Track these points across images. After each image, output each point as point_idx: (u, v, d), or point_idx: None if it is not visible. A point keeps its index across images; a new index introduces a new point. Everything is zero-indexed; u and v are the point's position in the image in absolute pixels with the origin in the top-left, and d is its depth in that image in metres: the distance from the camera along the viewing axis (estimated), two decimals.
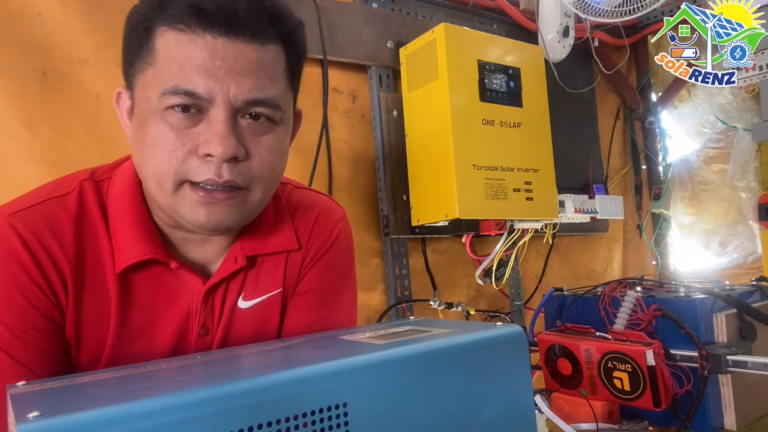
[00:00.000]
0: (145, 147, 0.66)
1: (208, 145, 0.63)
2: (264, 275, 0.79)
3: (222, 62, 0.63)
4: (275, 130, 0.69)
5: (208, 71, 0.62)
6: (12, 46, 1.09)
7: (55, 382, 0.54)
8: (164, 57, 0.63)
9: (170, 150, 0.64)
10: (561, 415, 0.97)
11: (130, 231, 0.70)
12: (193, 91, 0.63)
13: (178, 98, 0.63)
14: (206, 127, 0.64)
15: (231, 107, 0.64)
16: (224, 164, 0.65)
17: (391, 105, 1.53)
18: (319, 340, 0.68)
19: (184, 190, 0.66)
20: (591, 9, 1.59)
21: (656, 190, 2.18)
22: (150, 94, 0.64)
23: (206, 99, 0.63)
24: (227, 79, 0.63)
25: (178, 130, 0.64)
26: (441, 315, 1.58)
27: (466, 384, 0.57)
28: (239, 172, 0.66)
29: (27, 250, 0.66)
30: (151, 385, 0.48)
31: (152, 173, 0.66)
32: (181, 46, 0.62)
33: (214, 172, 0.64)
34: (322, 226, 0.85)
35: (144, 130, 0.65)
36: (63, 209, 0.69)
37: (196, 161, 0.64)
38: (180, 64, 0.62)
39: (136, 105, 0.68)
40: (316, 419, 0.48)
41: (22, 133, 1.09)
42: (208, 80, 0.62)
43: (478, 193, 1.37)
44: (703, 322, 1.01)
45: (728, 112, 1.92)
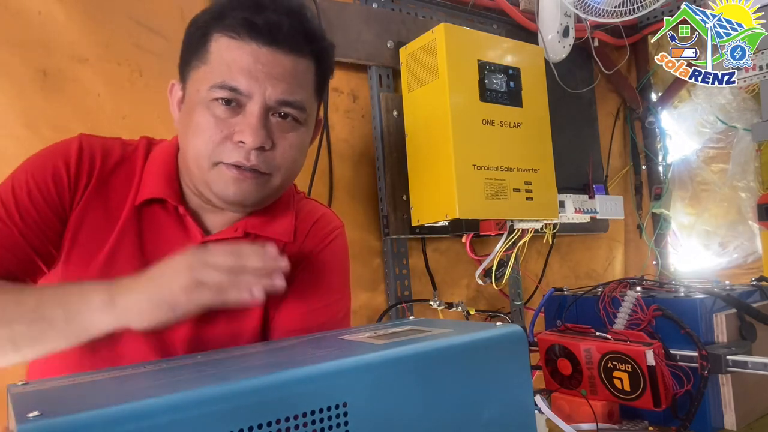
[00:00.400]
0: (189, 131, 0.79)
1: (242, 134, 0.76)
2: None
3: (263, 67, 0.76)
4: (299, 130, 0.82)
5: (250, 73, 0.76)
6: (12, 45, 1.09)
7: (55, 382, 0.54)
8: (216, 58, 0.77)
9: (210, 135, 0.77)
10: (561, 415, 0.97)
11: (156, 176, 0.84)
12: (236, 87, 0.76)
13: (223, 92, 0.76)
14: (242, 119, 0.77)
15: (265, 105, 0.77)
16: (253, 151, 0.77)
17: (391, 105, 1.53)
18: (319, 340, 0.68)
19: (219, 168, 0.78)
20: (591, 9, 1.59)
21: (657, 190, 2.18)
22: (200, 87, 0.78)
23: (246, 95, 0.76)
24: (265, 81, 0.76)
25: (219, 119, 0.77)
26: (441, 315, 1.58)
27: (466, 384, 0.57)
28: (264, 159, 0.79)
29: (78, 155, 0.81)
30: (151, 385, 0.48)
31: (193, 153, 0.79)
32: (231, 50, 0.76)
33: (243, 156, 0.77)
34: (320, 228, 0.94)
35: (191, 117, 0.79)
36: (121, 147, 0.86)
37: (229, 146, 0.77)
38: (228, 64, 0.76)
39: (187, 96, 0.81)
40: (316, 419, 0.48)
41: (22, 133, 1.09)
42: (249, 80, 0.76)
43: (478, 193, 1.37)
44: (703, 322, 1.01)
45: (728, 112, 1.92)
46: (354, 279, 1.50)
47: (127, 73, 1.20)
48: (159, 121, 1.22)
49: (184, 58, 0.82)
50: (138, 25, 1.21)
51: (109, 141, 0.86)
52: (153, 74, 1.23)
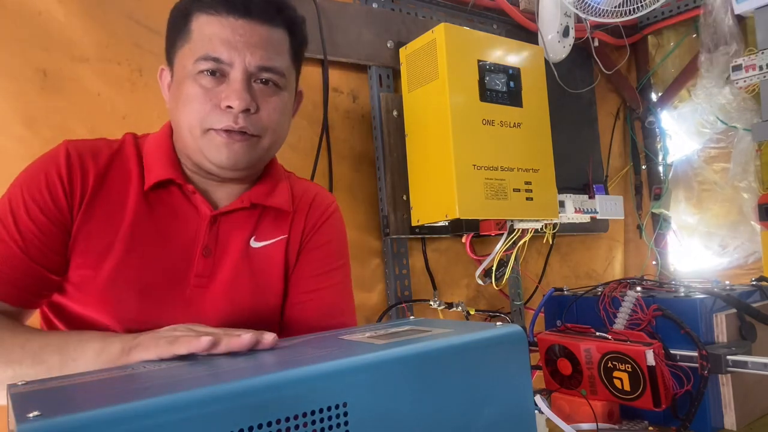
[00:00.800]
0: (180, 103, 0.84)
1: (228, 99, 0.82)
2: (274, 224, 0.96)
3: (240, 37, 0.83)
4: (280, 94, 0.88)
5: (230, 43, 0.82)
6: (12, 45, 1.09)
7: (55, 382, 0.54)
8: (197, 35, 0.83)
9: (200, 104, 0.83)
10: (561, 415, 0.97)
11: (159, 161, 0.88)
12: (218, 58, 0.82)
13: (207, 63, 0.82)
14: (227, 86, 0.83)
15: (246, 71, 0.83)
16: (240, 114, 0.83)
17: (391, 105, 1.53)
18: (319, 340, 0.68)
19: (209, 135, 0.84)
20: (591, 9, 1.59)
21: (656, 190, 2.18)
22: (186, 62, 0.84)
23: (227, 64, 0.82)
24: (244, 49, 0.83)
25: (206, 89, 0.83)
26: (441, 315, 1.58)
27: (466, 384, 0.57)
28: (251, 122, 0.84)
29: (66, 161, 0.84)
30: (151, 385, 0.48)
31: (185, 123, 0.84)
32: (211, 25, 0.83)
33: (232, 120, 0.83)
34: (318, 205, 1.01)
35: (180, 91, 0.85)
36: (107, 145, 0.89)
37: (218, 112, 0.83)
38: (209, 38, 0.82)
39: (174, 74, 0.87)
40: (316, 419, 0.48)
41: (22, 132, 1.09)
42: (230, 50, 0.82)
43: (478, 193, 1.37)
44: (703, 322, 1.01)
45: (728, 112, 1.92)
46: (354, 279, 1.50)
47: (127, 73, 1.20)
48: (159, 120, 1.21)
49: (170, 42, 0.88)
50: (138, 24, 1.21)
51: (94, 141, 0.90)
52: (153, 74, 1.22)
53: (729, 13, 1.77)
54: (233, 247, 0.91)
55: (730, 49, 1.79)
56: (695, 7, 1.95)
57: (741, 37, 1.80)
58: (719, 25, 1.81)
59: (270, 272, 0.95)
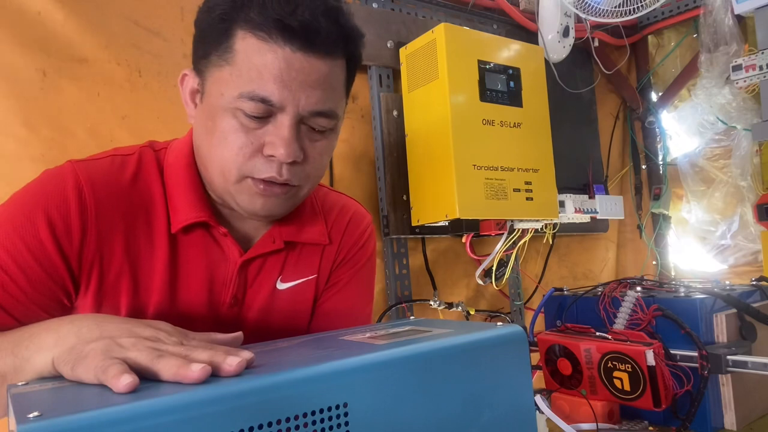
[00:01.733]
0: (213, 138, 0.72)
1: (274, 147, 0.71)
2: (302, 261, 0.88)
3: (297, 74, 0.69)
4: (329, 136, 0.77)
5: (283, 81, 0.68)
6: (11, 45, 1.09)
7: (56, 382, 0.53)
8: (243, 60, 0.69)
9: (239, 146, 0.71)
10: (561, 415, 0.97)
11: (186, 197, 0.77)
12: (268, 99, 0.69)
13: (253, 104, 0.69)
14: (273, 130, 0.71)
15: (298, 115, 0.71)
16: (284, 165, 0.72)
17: (391, 105, 1.53)
18: (319, 340, 0.68)
19: (246, 182, 0.74)
20: (591, 9, 1.59)
21: (656, 190, 2.18)
22: (225, 90, 0.70)
23: (278, 106, 0.70)
24: (299, 90, 0.70)
25: (248, 129, 0.71)
26: (441, 315, 1.58)
27: (466, 384, 0.57)
28: (295, 173, 0.74)
29: (77, 197, 0.71)
30: (152, 386, 0.48)
31: (218, 164, 0.73)
32: (262, 54, 0.68)
33: (275, 171, 0.72)
34: (354, 228, 0.93)
35: (214, 122, 0.72)
36: (123, 167, 0.76)
37: (260, 159, 0.72)
38: (258, 70, 0.68)
39: (206, 95, 0.73)
40: (316, 419, 0.48)
41: (21, 133, 1.09)
42: (282, 90, 0.69)
43: (478, 193, 1.37)
44: (703, 322, 1.01)
45: (728, 112, 1.92)
46: None
47: (126, 73, 1.20)
48: (159, 121, 1.22)
49: (201, 50, 0.73)
50: (137, 25, 1.21)
51: (108, 163, 0.76)
52: (152, 74, 1.23)
53: (729, 13, 1.77)
54: (262, 292, 0.84)
55: (730, 49, 1.79)
56: (695, 7, 1.95)
57: (741, 37, 1.80)
58: (719, 25, 1.81)
59: (298, 311, 0.88)
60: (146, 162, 0.78)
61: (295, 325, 0.89)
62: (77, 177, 0.72)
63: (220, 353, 0.50)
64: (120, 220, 0.74)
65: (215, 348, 0.53)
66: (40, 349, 0.58)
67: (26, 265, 0.69)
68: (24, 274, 0.69)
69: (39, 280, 0.70)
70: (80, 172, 0.73)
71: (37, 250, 0.69)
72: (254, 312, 0.83)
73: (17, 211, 0.70)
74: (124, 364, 0.48)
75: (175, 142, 0.83)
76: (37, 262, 0.69)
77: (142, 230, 0.76)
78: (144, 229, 0.76)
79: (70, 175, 0.72)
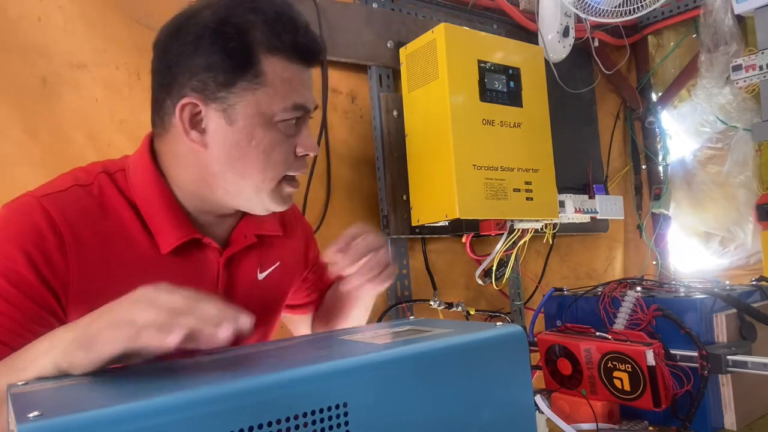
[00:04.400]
0: (252, 155, 0.79)
1: (306, 147, 0.83)
2: (270, 251, 0.95)
3: (309, 83, 0.83)
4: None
5: (307, 90, 0.82)
6: (11, 51, 1.09)
7: (56, 382, 0.53)
8: (276, 79, 0.78)
9: (286, 153, 0.81)
10: (561, 415, 0.97)
11: (167, 216, 0.80)
12: (305, 105, 0.81)
13: (297, 112, 0.80)
14: (303, 132, 0.83)
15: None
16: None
17: (391, 105, 1.53)
18: (319, 340, 0.68)
19: (281, 184, 0.83)
20: (591, 9, 1.59)
21: (656, 190, 2.18)
22: (265, 109, 0.78)
23: (307, 110, 0.82)
24: (311, 96, 0.83)
25: (288, 137, 0.81)
26: (441, 315, 1.58)
27: (467, 384, 0.57)
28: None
29: (53, 231, 0.71)
30: (152, 385, 0.48)
31: (259, 173, 0.80)
32: (289, 71, 0.79)
33: (305, 166, 0.85)
34: (293, 212, 1.04)
35: (256, 139, 0.78)
36: (88, 197, 0.77)
37: (293, 159, 0.83)
38: (292, 86, 0.79)
39: (238, 118, 0.77)
40: (316, 419, 0.48)
41: (21, 138, 1.09)
42: (310, 96, 0.83)
43: (478, 193, 1.37)
44: (703, 322, 1.01)
45: (728, 112, 1.92)
46: None
47: (125, 78, 1.20)
48: None
49: (222, 80, 0.76)
50: (138, 24, 1.21)
51: (69, 192, 0.75)
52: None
53: (729, 13, 1.77)
54: (246, 285, 0.90)
55: (730, 49, 1.79)
56: (695, 7, 1.95)
57: (741, 37, 1.80)
58: (719, 25, 1.81)
59: (277, 297, 0.98)
60: (106, 189, 0.78)
61: (274, 311, 0.98)
62: (46, 211, 0.71)
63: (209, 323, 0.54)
64: (99, 249, 0.74)
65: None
66: (36, 358, 0.58)
67: (15, 299, 0.69)
68: (15, 307, 0.69)
69: (30, 309, 0.69)
70: (48, 205, 0.72)
71: (22, 285, 0.69)
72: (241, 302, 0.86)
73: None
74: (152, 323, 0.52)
75: (129, 160, 0.83)
76: (25, 294, 0.69)
77: (126, 256, 0.76)
78: (127, 255, 0.76)
79: (38, 210, 0.71)
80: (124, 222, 0.78)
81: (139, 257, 0.77)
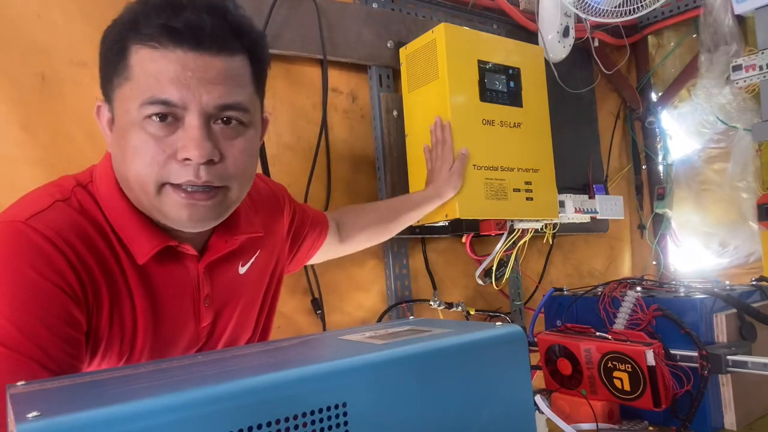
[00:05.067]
0: (127, 155, 0.72)
1: (186, 150, 0.70)
2: (248, 245, 0.91)
3: (193, 73, 0.69)
4: (246, 133, 0.76)
5: (180, 82, 0.69)
6: (11, 49, 1.09)
7: (55, 382, 0.53)
8: (140, 72, 0.70)
9: (151, 156, 0.70)
10: (561, 415, 0.97)
11: (137, 226, 0.76)
12: (168, 100, 0.69)
13: (155, 107, 0.69)
14: (183, 134, 0.70)
15: (204, 113, 0.71)
16: (201, 166, 0.71)
17: (391, 105, 1.53)
18: (319, 340, 0.68)
19: (166, 191, 0.72)
20: (591, 9, 1.59)
21: (659, 190, 2.18)
22: (129, 106, 0.71)
23: (180, 107, 0.70)
24: (198, 87, 0.70)
25: (158, 138, 0.70)
26: (441, 315, 1.58)
27: (466, 384, 0.57)
28: (215, 173, 0.73)
29: (56, 250, 0.69)
30: (151, 385, 0.48)
31: (135, 179, 0.72)
32: (155, 61, 0.69)
33: (192, 174, 0.71)
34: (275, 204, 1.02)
35: (126, 140, 0.72)
36: (73, 211, 0.74)
37: (175, 165, 0.71)
38: (155, 77, 0.69)
39: (116, 117, 0.74)
40: (315, 419, 0.48)
41: (20, 136, 1.09)
42: (181, 89, 0.69)
43: (478, 193, 1.37)
44: (703, 322, 1.01)
45: (728, 112, 1.92)
46: (353, 278, 1.50)
47: None
48: None
49: (105, 77, 0.75)
50: None
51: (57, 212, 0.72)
52: None
53: (729, 13, 1.77)
54: (228, 282, 0.89)
55: (730, 49, 1.79)
56: (695, 7, 1.95)
57: (741, 37, 1.80)
58: (719, 25, 1.81)
59: (260, 287, 0.96)
60: (85, 202, 0.76)
61: (264, 299, 0.97)
62: (39, 232, 0.69)
63: None
64: (96, 263, 0.73)
65: None
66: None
67: (58, 329, 0.67)
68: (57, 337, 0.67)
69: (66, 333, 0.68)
70: (37, 226, 0.69)
71: (58, 314, 0.67)
72: (225, 302, 0.88)
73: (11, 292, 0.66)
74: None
75: (96, 171, 0.80)
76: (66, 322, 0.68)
77: (116, 269, 0.75)
78: (117, 268, 0.75)
79: (32, 232, 0.68)
80: (106, 234, 0.75)
81: (120, 268, 0.75)
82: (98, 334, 0.74)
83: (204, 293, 0.84)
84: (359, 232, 1.24)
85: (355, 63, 1.52)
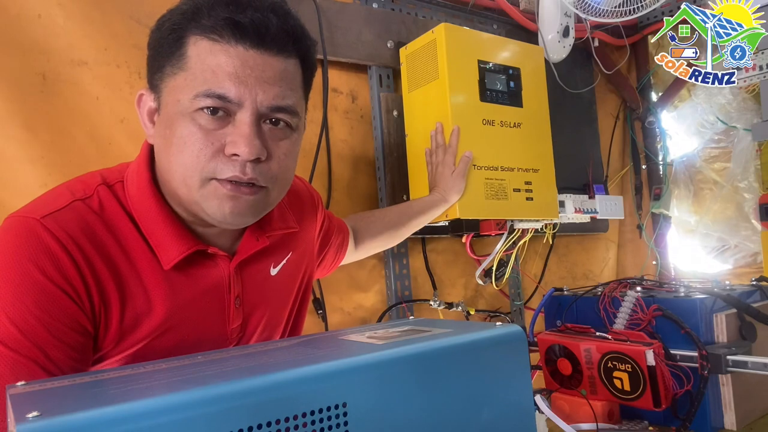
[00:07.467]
0: (173, 146, 0.71)
1: (235, 145, 0.70)
2: (280, 244, 0.91)
3: (251, 71, 0.69)
4: (292, 136, 0.76)
5: (239, 78, 0.69)
6: (11, 48, 1.09)
7: (55, 382, 0.53)
8: (197, 63, 0.69)
9: (199, 148, 0.70)
10: (561, 415, 0.97)
11: (167, 230, 0.75)
12: (225, 95, 0.69)
13: (209, 101, 0.69)
14: (233, 129, 0.70)
15: (257, 112, 0.71)
16: (248, 164, 0.71)
17: (391, 105, 1.53)
18: (319, 340, 0.68)
19: (210, 185, 0.71)
20: (591, 9, 1.59)
21: (656, 190, 2.18)
22: (181, 96, 0.70)
23: (235, 103, 0.70)
24: (256, 86, 0.70)
25: (207, 130, 0.70)
26: (441, 315, 1.58)
27: (466, 384, 0.57)
28: (261, 171, 0.73)
29: (65, 252, 0.68)
30: (152, 385, 0.48)
31: (179, 170, 0.71)
32: (215, 54, 0.69)
33: (239, 170, 0.71)
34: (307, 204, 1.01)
35: (172, 130, 0.71)
36: (90, 212, 0.72)
37: (222, 159, 0.70)
38: (213, 70, 0.69)
39: (163, 107, 0.73)
40: (315, 419, 0.48)
41: (21, 135, 1.09)
42: (239, 86, 0.69)
43: (478, 193, 1.37)
44: (703, 322, 1.01)
45: (728, 112, 1.92)
46: (352, 279, 1.50)
47: (126, 76, 1.20)
48: None
49: (155, 65, 0.73)
50: (138, 24, 1.21)
51: (72, 212, 0.71)
52: None
53: None
54: (259, 284, 0.87)
55: None
56: None
57: None
58: None
59: (290, 289, 0.94)
60: (107, 202, 0.74)
61: (295, 299, 0.96)
62: (50, 232, 0.68)
63: None
64: (105, 267, 0.71)
65: None
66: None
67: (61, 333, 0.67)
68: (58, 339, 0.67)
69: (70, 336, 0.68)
70: (50, 226, 0.68)
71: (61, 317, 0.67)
72: (256, 303, 0.86)
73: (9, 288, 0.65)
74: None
75: (128, 171, 0.78)
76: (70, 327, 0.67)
77: (129, 273, 0.73)
78: (130, 272, 0.73)
79: (43, 232, 0.68)
80: (125, 237, 0.74)
81: (142, 274, 0.74)
82: (108, 337, 0.72)
83: (234, 294, 0.82)
84: (372, 239, 1.24)
85: (355, 63, 1.52)
